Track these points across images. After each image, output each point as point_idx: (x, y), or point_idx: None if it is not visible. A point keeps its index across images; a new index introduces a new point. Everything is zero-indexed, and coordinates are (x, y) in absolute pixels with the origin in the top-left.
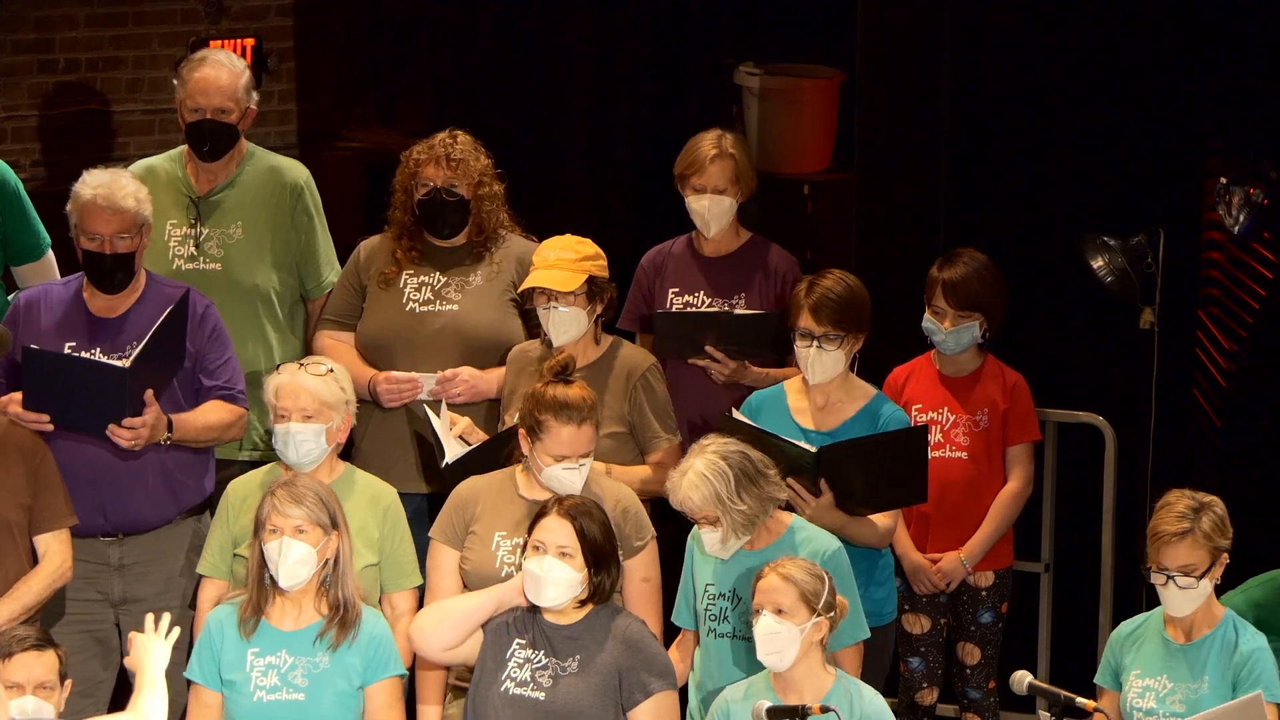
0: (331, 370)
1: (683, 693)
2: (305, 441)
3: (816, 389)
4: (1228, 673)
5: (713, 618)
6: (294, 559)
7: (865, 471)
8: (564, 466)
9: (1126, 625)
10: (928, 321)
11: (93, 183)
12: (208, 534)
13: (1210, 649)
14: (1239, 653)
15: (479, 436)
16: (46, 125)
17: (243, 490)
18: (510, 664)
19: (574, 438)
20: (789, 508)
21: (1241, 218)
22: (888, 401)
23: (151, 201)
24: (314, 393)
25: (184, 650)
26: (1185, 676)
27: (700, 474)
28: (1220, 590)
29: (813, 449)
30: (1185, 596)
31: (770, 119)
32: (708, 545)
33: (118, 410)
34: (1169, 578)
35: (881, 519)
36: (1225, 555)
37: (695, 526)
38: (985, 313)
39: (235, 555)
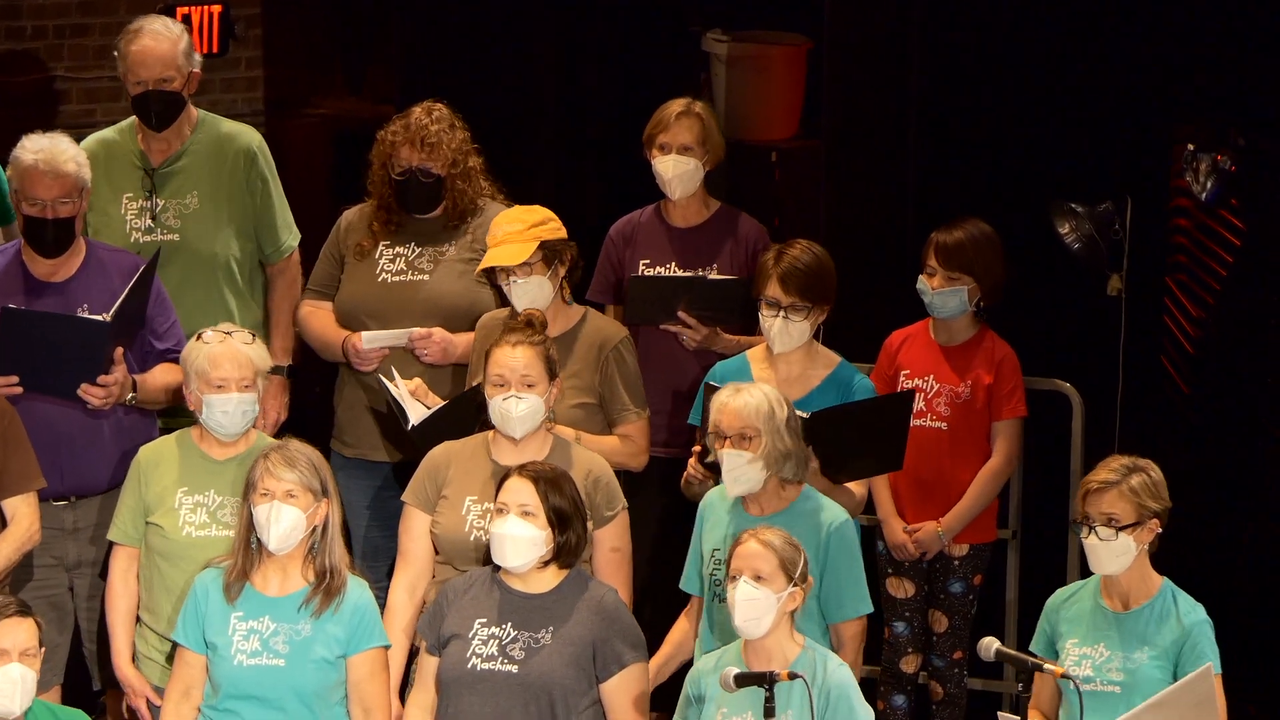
0: (255, 336)
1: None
2: (247, 412)
3: (781, 359)
4: (1170, 648)
5: (717, 583)
6: (285, 523)
7: (852, 438)
8: (502, 397)
9: (1062, 592)
10: (920, 282)
11: (33, 148)
12: (119, 499)
13: (1149, 619)
14: (1181, 628)
15: (433, 398)
16: (14, 92)
17: (154, 456)
18: (474, 641)
19: (509, 356)
20: None
21: (1209, 185)
22: (853, 369)
23: (104, 171)
24: (252, 361)
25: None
26: (1123, 646)
27: (762, 390)
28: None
29: (804, 414)
30: (1107, 550)
31: (738, 86)
32: (729, 468)
33: (94, 367)
34: (1091, 528)
35: (857, 488)
36: (1157, 522)
37: (705, 496)
38: (976, 279)
39: (148, 524)
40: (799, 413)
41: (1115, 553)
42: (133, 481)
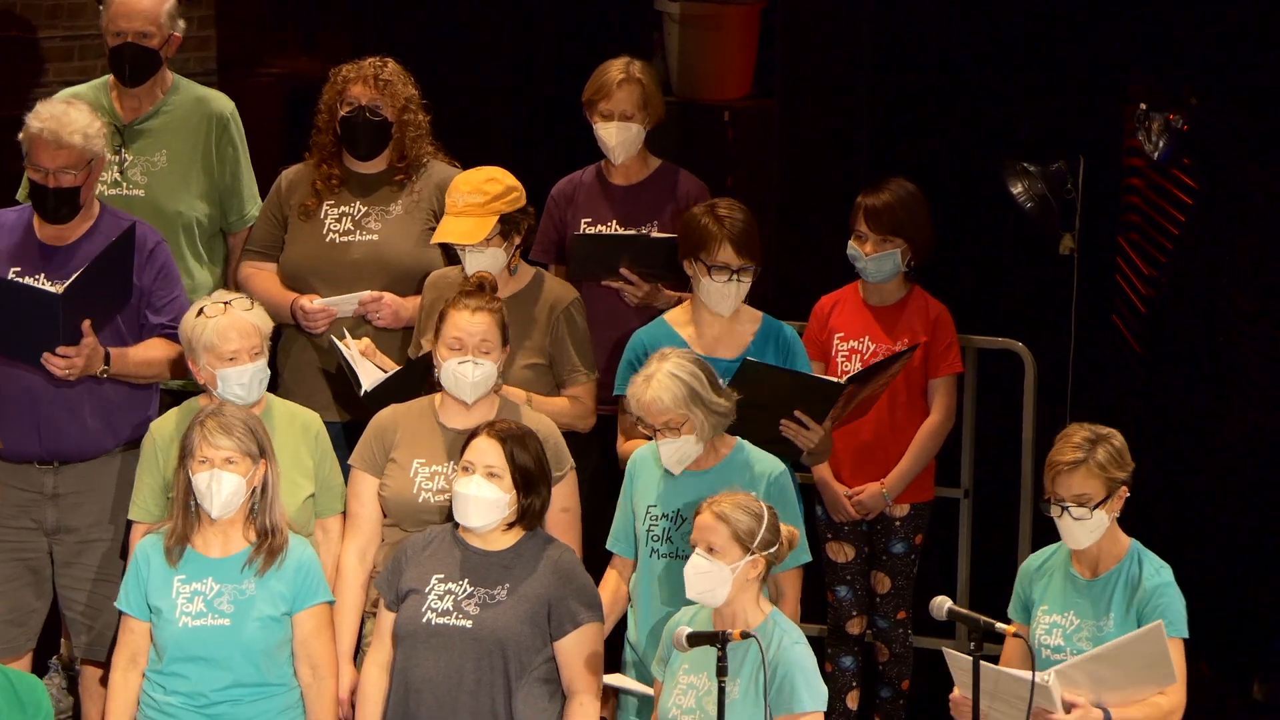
0: (254, 302)
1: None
2: (263, 380)
3: (708, 320)
4: (1131, 609)
5: (654, 538)
6: (226, 491)
7: (862, 394)
8: (458, 361)
9: (1035, 558)
10: (851, 248)
11: (43, 114)
12: (135, 478)
13: (1115, 585)
14: (1143, 589)
15: (381, 357)
16: None
17: (167, 431)
18: (430, 596)
19: (469, 322)
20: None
21: (1161, 144)
22: (779, 321)
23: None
24: (258, 327)
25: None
26: (1091, 613)
27: (670, 375)
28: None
29: (840, 380)
30: (1081, 528)
31: (691, 45)
32: (666, 456)
33: (50, 337)
34: (1064, 509)
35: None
36: (1125, 489)
37: (634, 455)
38: (908, 240)
39: (170, 498)
40: (829, 378)
41: (1089, 529)
42: (149, 459)
